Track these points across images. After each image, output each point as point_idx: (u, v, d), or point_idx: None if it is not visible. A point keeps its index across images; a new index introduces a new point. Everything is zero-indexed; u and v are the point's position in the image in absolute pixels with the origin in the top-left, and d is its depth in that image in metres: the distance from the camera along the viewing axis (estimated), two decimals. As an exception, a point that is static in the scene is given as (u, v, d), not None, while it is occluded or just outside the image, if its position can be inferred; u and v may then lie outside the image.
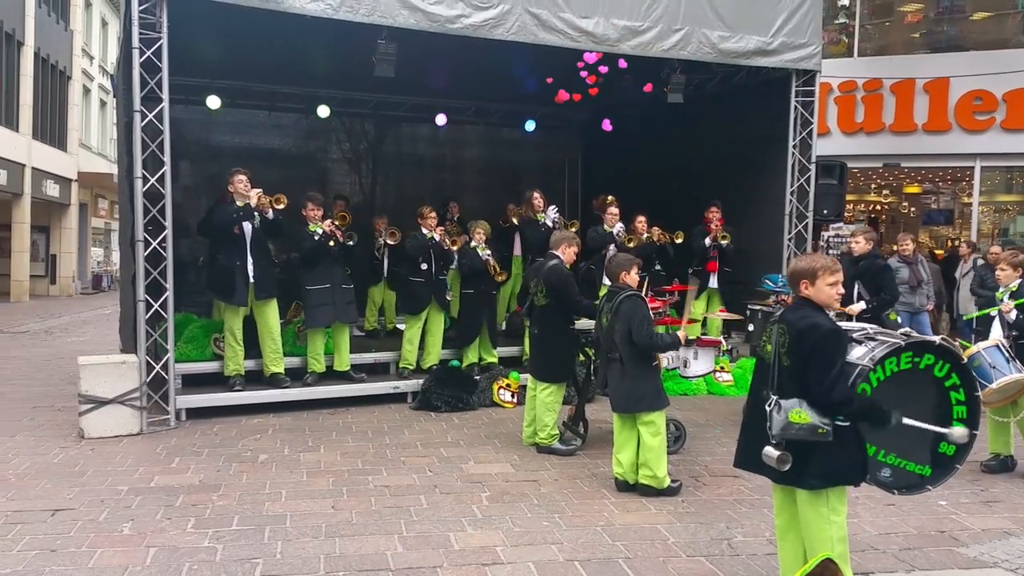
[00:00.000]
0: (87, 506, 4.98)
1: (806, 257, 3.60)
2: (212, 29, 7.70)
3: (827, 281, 3.47)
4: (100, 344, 12.49)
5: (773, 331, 3.55)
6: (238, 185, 7.32)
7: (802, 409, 3.33)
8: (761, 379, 3.63)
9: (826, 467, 3.39)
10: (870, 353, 3.62)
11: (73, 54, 26.10)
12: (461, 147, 12.60)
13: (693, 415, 7.65)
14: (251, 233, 7.36)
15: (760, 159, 9.85)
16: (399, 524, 4.74)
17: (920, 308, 9.71)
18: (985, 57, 13.37)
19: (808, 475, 3.40)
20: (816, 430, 3.32)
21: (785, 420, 3.32)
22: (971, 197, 14.16)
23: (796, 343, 3.39)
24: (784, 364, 3.45)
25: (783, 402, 3.36)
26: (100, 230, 30.69)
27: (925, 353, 3.74)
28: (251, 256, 7.37)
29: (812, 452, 3.37)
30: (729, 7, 8.51)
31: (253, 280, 7.39)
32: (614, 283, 5.61)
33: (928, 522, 4.97)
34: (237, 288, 7.32)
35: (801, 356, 3.37)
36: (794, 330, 3.41)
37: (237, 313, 7.45)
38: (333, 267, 7.82)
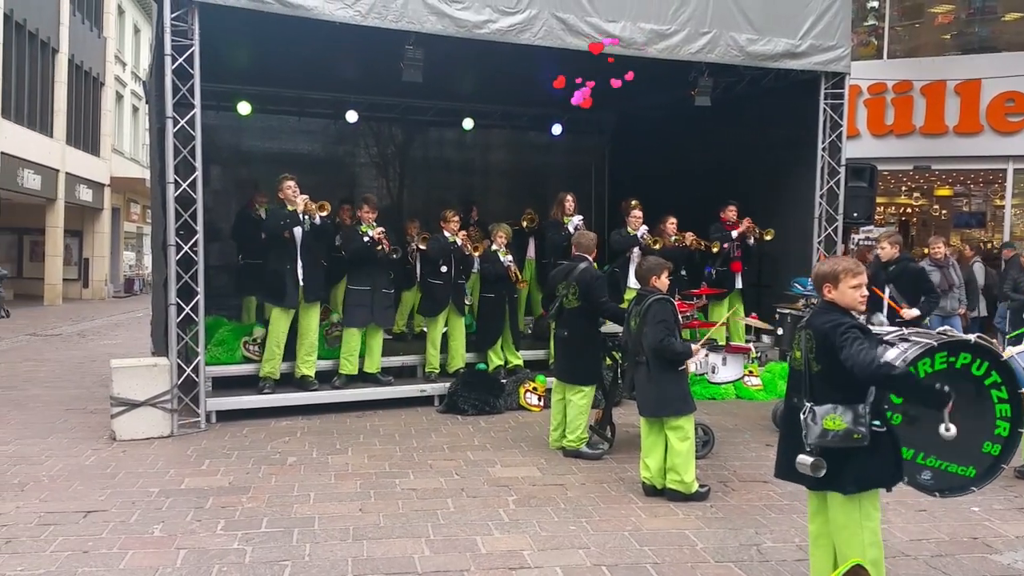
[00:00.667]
0: (119, 508, 5.04)
1: (829, 260, 3.57)
2: (242, 36, 7.80)
3: (850, 284, 3.43)
4: (132, 347, 12.68)
5: (801, 338, 3.53)
6: (287, 191, 7.44)
7: (836, 415, 3.29)
8: (794, 387, 3.60)
9: (861, 471, 3.36)
10: (902, 355, 3.57)
11: (106, 61, 26.56)
12: (488, 151, 12.64)
13: (722, 419, 7.59)
14: (301, 237, 7.47)
15: (789, 162, 9.77)
16: (426, 527, 4.75)
17: (952, 312, 9.56)
18: (1017, 58, 13.16)
19: (846, 480, 3.36)
20: (851, 435, 3.28)
21: (820, 427, 3.30)
22: (1003, 200, 13.93)
23: (823, 346, 3.36)
24: (815, 370, 3.42)
25: (817, 409, 3.33)
26: (132, 234, 31.16)
27: (961, 352, 3.68)
28: (301, 260, 7.49)
29: (848, 457, 3.34)
30: (757, 10, 8.46)
31: (302, 283, 7.49)
32: (644, 286, 5.58)
33: (961, 528, 4.89)
34: (288, 291, 7.45)
35: (829, 357, 3.34)
36: (820, 334, 3.39)
37: (285, 316, 7.55)
38: (377, 271, 7.92)
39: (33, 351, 12.47)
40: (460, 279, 8.49)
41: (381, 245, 7.79)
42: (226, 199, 10.87)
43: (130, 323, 18.18)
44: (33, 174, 20.56)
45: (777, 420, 7.25)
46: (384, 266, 8.01)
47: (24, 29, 20.17)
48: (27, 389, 9.15)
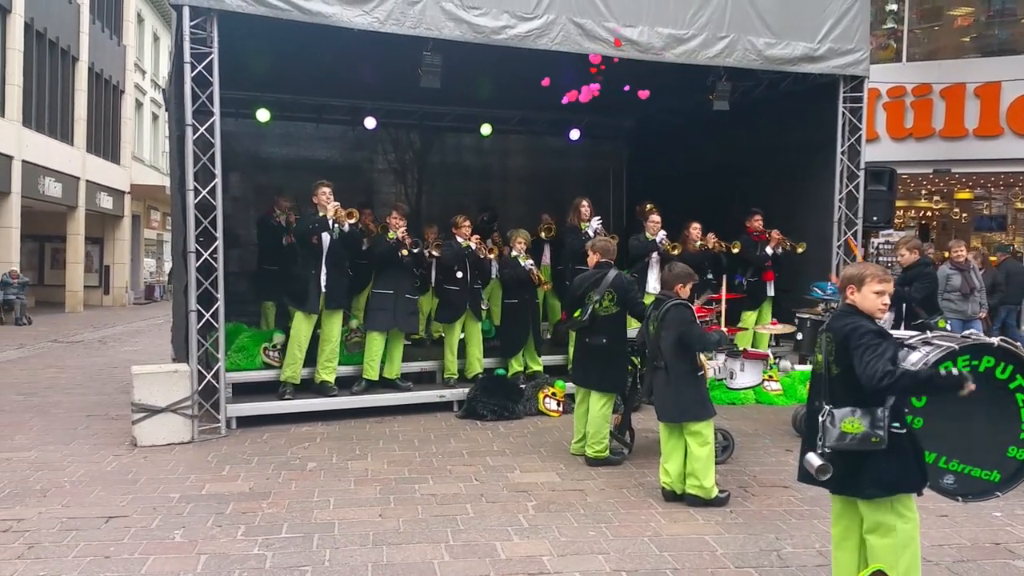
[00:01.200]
0: (140, 513, 5.07)
1: (858, 264, 3.55)
2: (261, 43, 7.86)
3: (873, 288, 3.40)
4: (152, 353, 12.78)
5: (822, 340, 3.52)
6: (320, 196, 7.50)
7: (854, 418, 3.28)
8: (815, 390, 3.59)
9: (882, 476, 3.33)
10: (924, 359, 3.54)
11: (126, 69, 26.87)
12: (506, 156, 12.67)
13: (741, 424, 7.55)
14: (328, 244, 7.51)
15: (808, 165, 9.71)
16: (446, 533, 4.75)
17: (972, 316, 9.47)
18: (1038, 61, 13.06)
19: (864, 484, 3.34)
20: (869, 439, 3.26)
21: (838, 430, 3.28)
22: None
23: (842, 349, 3.35)
24: (834, 373, 3.40)
25: (836, 412, 3.32)
26: (152, 241, 31.45)
27: (984, 356, 3.64)
28: (326, 266, 7.53)
29: (867, 461, 3.31)
30: (775, 14, 8.43)
31: (325, 289, 7.53)
32: (667, 291, 5.56)
33: (982, 534, 4.84)
34: (310, 296, 7.49)
35: (848, 360, 3.32)
36: (839, 336, 3.37)
37: (308, 320, 7.58)
38: (401, 275, 7.93)
39: (55, 358, 12.61)
40: (476, 284, 8.50)
41: (404, 244, 7.79)
42: (245, 206, 10.94)
43: (150, 330, 18.33)
44: (54, 182, 20.82)
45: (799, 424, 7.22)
46: (408, 271, 8.02)
47: (45, 38, 20.45)
48: (49, 395, 9.24)
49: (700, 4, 8.10)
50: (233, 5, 6.66)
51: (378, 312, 7.89)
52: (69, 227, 22.70)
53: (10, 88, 18.45)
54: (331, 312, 7.69)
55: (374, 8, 7.01)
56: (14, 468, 6.09)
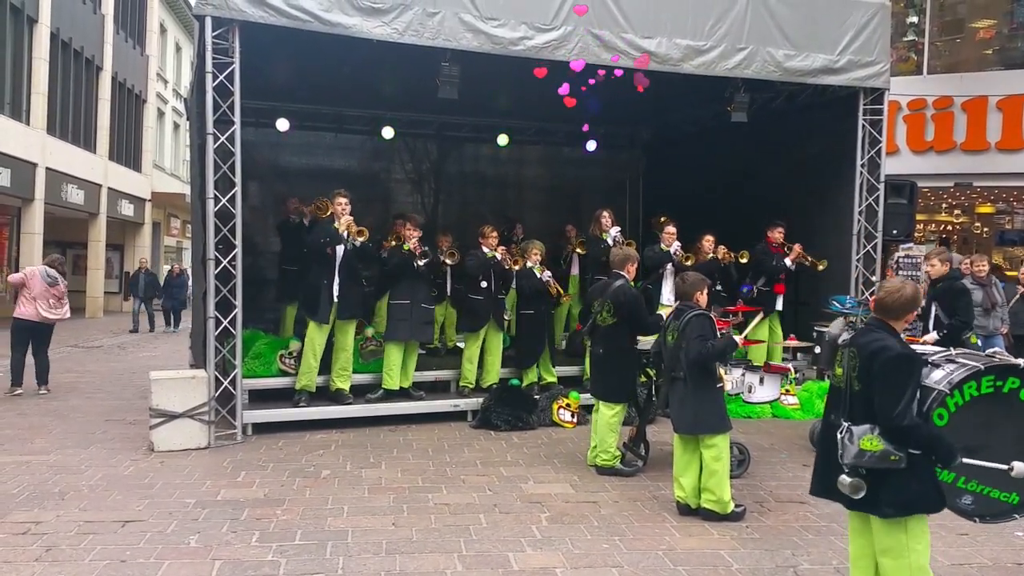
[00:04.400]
0: (156, 518, 5.11)
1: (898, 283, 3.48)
2: (282, 54, 7.93)
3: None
4: (170, 359, 12.89)
5: (844, 355, 3.48)
6: (336, 206, 7.54)
7: (873, 436, 3.23)
8: (833, 405, 3.55)
9: (900, 495, 3.29)
10: (947, 377, 3.48)
11: (148, 78, 27.21)
12: (523, 166, 12.69)
13: (757, 439, 7.49)
14: (342, 256, 7.56)
15: (826, 178, 9.65)
16: (458, 543, 4.74)
17: (994, 331, 9.34)
18: (1062, 73, 12.94)
19: (883, 503, 3.30)
20: (888, 456, 3.22)
21: (857, 448, 3.24)
22: (1049, 217, 13.66)
23: (865, 367, 3.31)
24: (855, 389, 3.36)
25: (854, 429, 3.28)
26: (172, 248, 31.71)
27: (1009, 377, 3.57)
28: (338, 276, 7.56)
29: (886, 479, 3.27)
30: (794, 25, 8.41)
31: (337, 300, 7.56)
32: (685, 301, 5.54)
33: (1004, 553, 4.78)
34: (321, 306, 7.52)
35: (870, 380, 3.29)
36: (864, 353, 3.33)
37: (321, 330, 7.61)
38: (417, 285, 7.96)
39: (75, 362, 12.74)
40: (500, 294, 8.51)
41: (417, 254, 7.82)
42: (264, 214, 11.03)
43: (169, 336, 18.48)
44: (76, 189, 21.08)
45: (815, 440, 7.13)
46: (424, 281, 8.05)
47: (70, 48, 20.76)
48: (68, 400, 9.33)
49: (719, 15, 8.09)
50: (254, 16, 6.73)
51: (398, 323, 7.91)
52: (91, 234, 22.96)
53: (35, 97, 18.73)
54: (345, 321, 7.72)
55: (393, 19, 7.06)
56: (33, 471, 6.15)
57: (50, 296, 9.40)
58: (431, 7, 7.14)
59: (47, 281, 9.38)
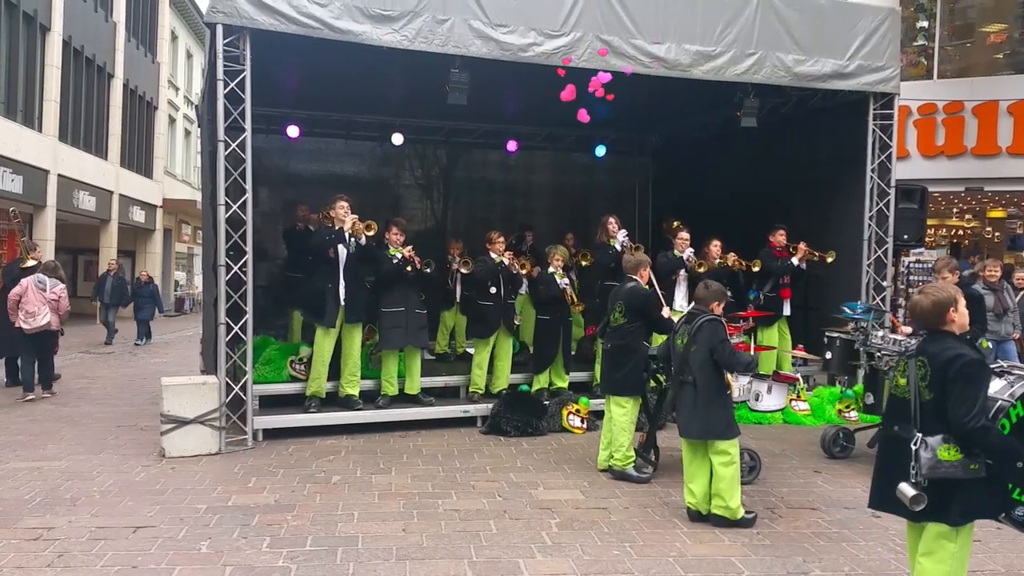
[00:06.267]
0: (167, 524, 5.12)
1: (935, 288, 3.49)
2: (292, 61, 7.98)
3: (963, 303, 3.44)
4: (181, 365, 12.92)
5: (910, 365, 3.45)
6: (338, 210, 7.54)
7: (950, 445, 3.23)
8: (896, 417, 3.52)
9: (971, 502, 3.29)
10: (1009, 388, 3.54)
11: (160, 85, 27.40)
12: (532, 172, 12.70)
13: (769, 445, 7.46)
14: (345, 257, 7.57)
15: (837, 183, 9.62)
16: (469, 549, 4.74)
17: (1006, 337, 9.29)
18: (1073, 78, 12.87)
19: (953, 511, 3.29)
20: (968, 466, 3.22)
21: (935, 458, 3.23)
22: (1059, 222, 13.58)
23: (939, 375, 3.29)
24: (926, 399, 3.34)
25: (929, 440, 3.27)
26: (183, 255, 31.87)
27: None
28: (344, 279, 7.57)
29: (960, 488, 3.27)
30: (804, 30, 8.40)
31: (344, 303, 7.57)
32: (700, 306, 5.53)
33: (1017, 560, 4.75)
34: (328, 310, 7.52)
35: (944, 387, 3.27)
36: (937, 362, 3.32)
37: (328, 334, 7.61)
38: (409, 291, 7.95)
39: (86, 368, 12.79)
40: (509, 299, 8.51)
41: (412, 263, 7.81)
42: (274, 220, 11.07)
43: (180, 342, 18.57)
44: (88, 195, 21.22)
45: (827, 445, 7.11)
46: (415, 286, 8.01)
47: (82, 55, 20.93)
48: (80, 405, 9.38)
49: (728, 21, 8.08)
50: (265, 24, 6.77)
51: (392, 331, 7.88)
52: (102, 240, 23.09)
53: (47, 104, 18.88)
54: (352, 326, 7.71)
55: (403, 26, 7.08)
56: (45, 477, 6.18)
57: (43, 303, 9.50)
58: (441, 14, 7.16)
59: (39, 287, 9.52)
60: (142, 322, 17.74)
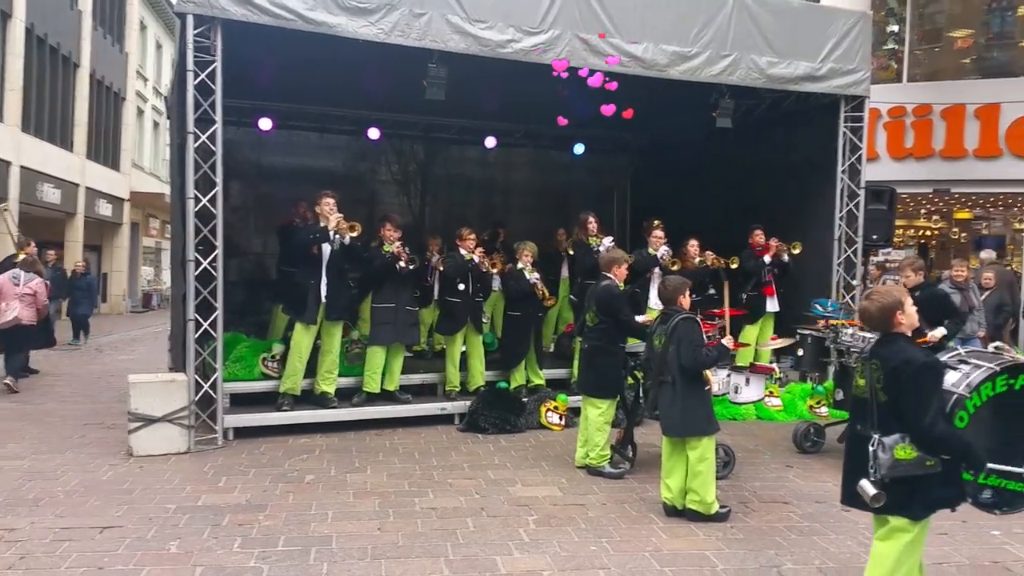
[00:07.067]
0: (135, 524, 5.03)
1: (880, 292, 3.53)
2: (265, 52, 7.85)
3: (910, 303, 3.47)
4: (149, 362, 12.71)
5: (866, 367, 3.51)
6: (323, 207, 7.47)
7: (906, 444, 3.29)
8: (858, 417, 3.59)
9: (931, 496, 3.36)
10: (965, 380, 3.60)
11: (128, 76, 26.89)
12: (510, 170, 12.62)
13: (742, 440, 7.52)
14: (329, 255, 7.49)
15: (809, 184, 9.74)
16: (445, 547, 4.71)
17: (971, 335, 9.47)
18: (1036, 83, 13.12)
19: (915, 505, 3.37)
20: (924, 463, 3.28)
21: (891, 458, 3.28)
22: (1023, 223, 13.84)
23: (891, 379, 3.34)
24: (882, 400, 3.40)
25: (886, 440, 3.32)
26: (151, 249, 31.39)
27: (1021, 375, 3.72)
28: (326, 277, 7.49)
29: (919, 483, 3.33)
30: (778, 33, 8.47)
31: (326, 300, 7.49)
32: (669, 306, 5.56)
33: (981, 552, 4.85)
34: (309, 306, 7.45)
35: (897, 391, 3.33)
36: (889, 366, 3.36)
37: (308, 331, 7.53)
38: (400, 288, 7.91)
39: (51, 365, 12.51)
40: (478, 297, 8.47)
41: (400, 259, 7.78)
42: (245, 215, 10.91)
43: (148, 338, 18.27)
44: (52, 188, 20.76)
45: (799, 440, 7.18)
46: (408, 283, 7.99)
47: (45, 44, 20.43)
48: (44, 404, 9.18)
49: (704, 22, 8.13)
50: (237, 14, 6.66)
51: (381, 326, 7.85)
52: (67, 234, 22.60)
53: (9, 94, 18.40)
54: (332, 323, 7.65)
55: (379, 20, 7.01)
56: (6, 477, 6.03)
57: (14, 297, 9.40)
58: (418, 8, 7.10)
59: (12, 282, 9.45)
60: (79, 319, 15.76)
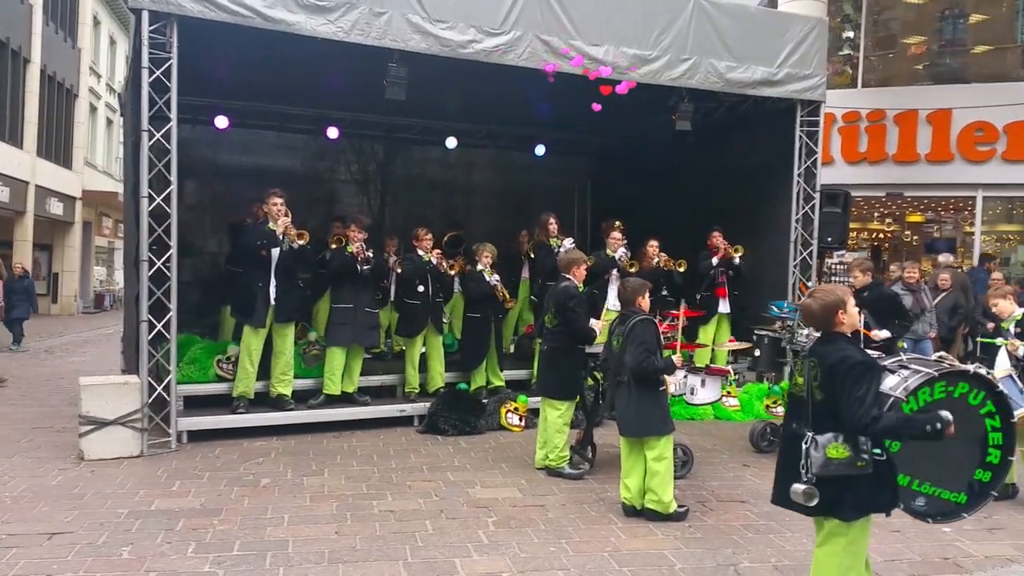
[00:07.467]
0: (85, 529, 4.92)
1: (823, 291, 3.56)
2: (222, 49, 7.73)
3: (852, 304, 3.49)
4: (101, 364, 12.42)
5: (804, 365, 3.53)
6: (271, 207, 7.34)
7: (838, 443, 3.30)
8: (794, 415, 3.60)
9: (862, 498, 3.37)
10: (903, 383, 3.62)
11: (80, 72, 26.26)
12: (471, 170, 12.60)
13: (700, 440, 7.59)
14: (277, 257, 7.36)
15: (765, 187, 9.88)
16: (404, 550, 4.68)
17: (923, 336, 9.68)
18: (986, 89, 13.48)
19: (846, 506, 3.37)
20: (855, 463, 3.29)
21: (824, 457, 3.29)
22: (973, 226, 14.21)
23: (828, 376, 3.36)
24: (818, 398, 3.41)
25: (819, 438, 3.33)
26: (104, 249, 30.72)
27: (959, 382, 3.75)
28: (275, 279, 7.36)
29: (850, 483, 3.34)
30: (736, 38, 8.58)
31: (274, 302, 7.37)
32: (628, 307, 5.59)
33: (933, 549, 4.95)
34: (257, 309, 7.32)
35: (834, 389, 3.34)
36: (826, 364, 3.38)
37: (256, 334, 7.40)
38: (361, 289, 7.82)
39: (-2, 367, 12.16)
40: (437, 298, 8.43)
41: (360, 258, 7.69)
42: (201, 214, 10.73)
43: (100, 340, 17.88)
44: (1, 186, 20.21)
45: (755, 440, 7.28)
46: (368, 284, 7.91)
47: (-7, 39, 19.91)
48: (-9, 406, 8.93)
49: (665, 26, 8.20)
50: (194, 10, 6.55)
51: (339, 327, 7.77)
52: (16, 233, 22.02)
53: (-44, 89, 17.92)
54: (282, 325, 7.51)
55: (338, 18, 6.95)
56: (-49, 482, 5.85)
57: None
58: (378, 7, 7.05)
59: None
60: (13, 323, 14.85)
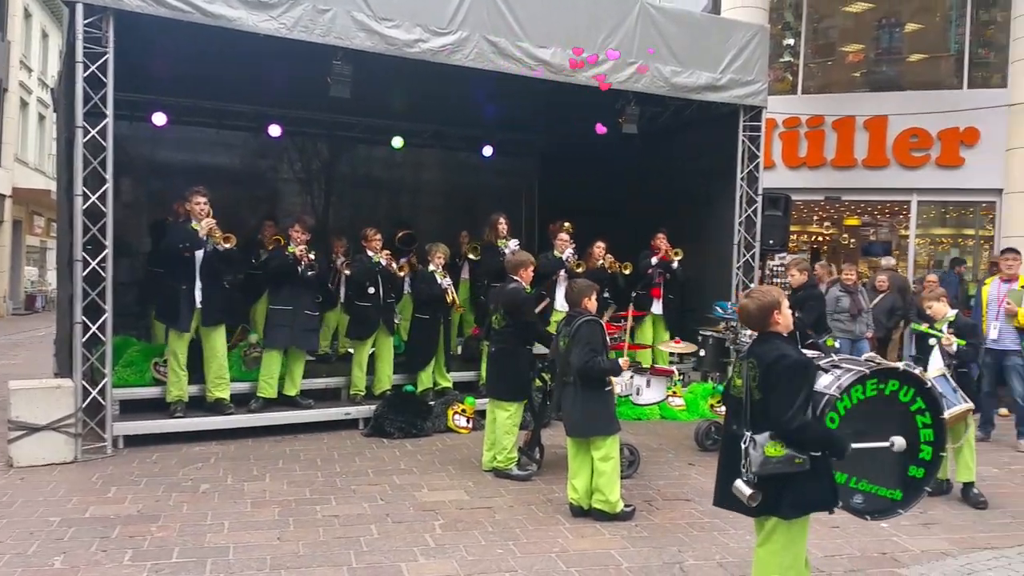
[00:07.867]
0: (15, 539, 4.73)
1: (759, 291, 3.60)
2: (160, 44, 7.52)
3: (787, 305, 3.54)
4: (33, 368, 11.96)
5: (743, 366, 3.55)
6: (194, 206, 7.09)
7: (776, 442, 3.32)
8: (733, 416, 3.62)
9: (801, 496, 3.40)
10: (836, 382, 3.68)
11: (10, 66, 25.31)
12: (418, 170, 12.52)
13: (646, 439, 7.66)
14: (202, 259, 7.12)
15: (710, 191, 10.04)
16: (348, 555, 4.60)
17: (860, 336, 9.93)
18: (921, 96, 13.90)
19: (784, 505, 3.39)
20: (793, 460, 3.32)
21: (762, 456, 3.31)
22: (908, 230, 14.64)
23: (765, 376, 3.40)
24: (756, 398, 3.44)
25: (757, 437, 3.35)
26: (35, 248, 29.70)
27: (890, 380, 3.84)
28: (200, 281, 7.12)
29: (789, 482, 3.37)
30: (681, 43, 8.70)
31: (200, 305, 7.14)
32: (574, 308, 5.60)
33: (871, 544, 5.06)
34: (182, 313, 7.07)
35: (768, 388, 3.38)
36: (763, 364, 3.42)
37: (181, 338, 7.16)
38: (300, 291, 7.63)
39: (-79, 372, 11.64)
40: (389, 299, 8.32)
41: (302, 262, 7.55)
42: (137, 213, 10.41)
43: (31, 342, 17.24)
44: (-74, 183, 19.38)
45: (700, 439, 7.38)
46: (310, 287, 7.74)
47: (-81, 30, 19.07)
48: (-87, 412, 8.52)
49: (611, 30, 8.26)
50: (131, 5, 6.37)
51: (276, 329, 7.58)
52: (-59, 232, 21.16)
53: None
54: (210, 328, 7.27)
55: (281, 14, 6.83)
56: None
57: None
58: (322, 4, 6.95)
59: None
60: None
